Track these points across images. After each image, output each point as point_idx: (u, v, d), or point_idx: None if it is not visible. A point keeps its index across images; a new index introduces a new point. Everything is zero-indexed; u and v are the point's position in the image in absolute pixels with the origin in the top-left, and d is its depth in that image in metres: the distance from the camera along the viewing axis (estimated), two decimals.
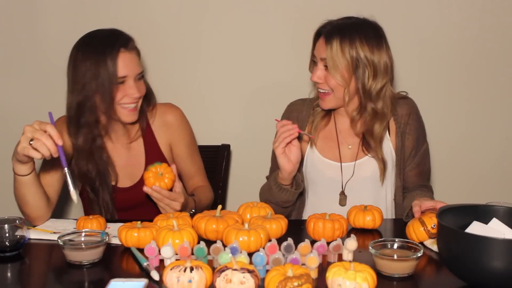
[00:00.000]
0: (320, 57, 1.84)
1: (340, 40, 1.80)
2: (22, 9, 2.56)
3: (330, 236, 1.56)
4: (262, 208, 1.70)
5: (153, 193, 1.70)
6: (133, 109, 1.84)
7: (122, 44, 1.80)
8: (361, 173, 1.94)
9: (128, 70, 1.80)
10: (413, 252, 1.40)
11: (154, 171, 1.72)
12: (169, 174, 1.72)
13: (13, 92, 2.63)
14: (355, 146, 1.96)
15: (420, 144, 1.97)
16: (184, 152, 2.02)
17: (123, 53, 1.80)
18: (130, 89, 1.80)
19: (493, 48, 2.60)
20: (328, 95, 1.87)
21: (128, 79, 1.80)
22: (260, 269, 1.33)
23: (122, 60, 1.79)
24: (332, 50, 1.80)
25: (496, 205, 1.47)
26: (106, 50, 1.77)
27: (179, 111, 2.04)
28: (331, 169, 1.95)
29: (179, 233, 1.47)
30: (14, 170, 1.68)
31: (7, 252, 1.53)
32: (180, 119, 2.02)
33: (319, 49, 1.85)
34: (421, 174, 1.98)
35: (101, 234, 1.51)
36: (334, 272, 1.24)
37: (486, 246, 1.23)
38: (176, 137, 2.01)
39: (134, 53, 1.84)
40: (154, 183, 1.70)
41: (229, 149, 2.39)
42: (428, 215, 1.59)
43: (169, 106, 2.03)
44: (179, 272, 1.24)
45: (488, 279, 1.25)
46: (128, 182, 1.96)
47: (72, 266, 1.45)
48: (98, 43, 1.80)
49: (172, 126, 2.00)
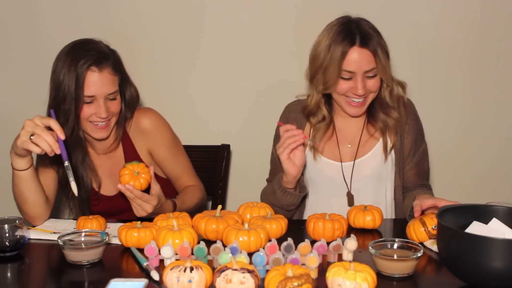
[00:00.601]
0: (364, 70, 1.80)
1: (378, 44, 1.80)
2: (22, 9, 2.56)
3: (330, 236, 1.56)
4: (262, 208, 1.70)
5: (126, 191, 1.68)
6: (104, 126, 1.83)
7: (94, 62, 1.77)
8: (361, 172, 1.94)
9: (95, 91, 1.77)
10: (413, 252, 1.39)
11: (131, 169, 1.71)
12: (145, 175, 1.70)
13: (13, 92, 2.63)
14: (354, 145, 1.96)
15: (418, 143, 1.97)
16: (166, 155, 1.99)
17: (93, 72, 1.76)
18: (98, 108, 1.79)
19: (493, 48, 2.60)
20: (365, 102, 1.86)
21: (97, 98, 1.78)
22: (260, 269, 1.33)
23: (90, 79, 1.76)
24: (380, 58, 1.80)
25: (496, 205, 1.47)
26: (76, 67, 1.75)
27: (155, 114, 1.99)
28: (331, 168, 1.95)
29: (179, 233, 1.47)
30: (13, 165, 1.69)
31: (7, 252, 1.53)
32: (156, 123, 1.98)
33: (359, 63, 1.79)
34: (420, 173, 1.98)
35: (101, 234, 1.51)
36: (334, 272, 1.24)
37: (486, 246, 1.23)
38: (155, 142, 1.97)
39: (107, 73, 1.79)
40: (128, 181, 1.68)
41: (229, 149, 2.39)
42: (429, 215, 1.59)
43: (144, 111, 1.98)
44: (179, 272, 1.24)
45: (488, 279, 1.25)
46: (113, 190, 1.96)
47: (72, 266, 1.44)
48: (74, 56, 1.77)
49: (148, 132, 1.96)
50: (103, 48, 1.84)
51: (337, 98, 1.88)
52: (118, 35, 1.97)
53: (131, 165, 1.72)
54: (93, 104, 1.79)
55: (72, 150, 1.85)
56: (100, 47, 1.83)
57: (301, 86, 2.30)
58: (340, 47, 1.78)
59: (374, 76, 1.82)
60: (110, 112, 1.82)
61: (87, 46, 1.81)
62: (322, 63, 1.82)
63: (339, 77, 1.81)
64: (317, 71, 1.85)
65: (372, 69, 1.81)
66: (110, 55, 1.83)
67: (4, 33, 2.58)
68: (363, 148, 1.96)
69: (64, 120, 1.79)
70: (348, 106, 1.87)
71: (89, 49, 1.79)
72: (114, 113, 1.85)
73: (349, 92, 1.83)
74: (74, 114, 1.78)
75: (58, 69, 1.79)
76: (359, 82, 1.80)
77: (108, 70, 1.79)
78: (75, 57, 1.77)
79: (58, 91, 1.79)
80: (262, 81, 2.62)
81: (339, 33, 1.81)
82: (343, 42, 1.79)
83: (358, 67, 1.79)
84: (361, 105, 1.86)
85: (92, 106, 1.79)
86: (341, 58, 1.78)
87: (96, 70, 1.77)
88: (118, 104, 1.85)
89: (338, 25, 1.83)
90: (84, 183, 1.91)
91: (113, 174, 1.95)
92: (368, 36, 1.80)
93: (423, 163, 1.99)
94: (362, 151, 1.96)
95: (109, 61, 1.81)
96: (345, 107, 1.88)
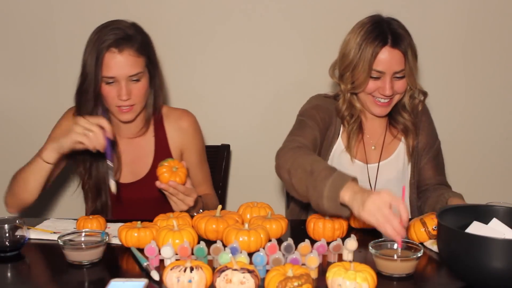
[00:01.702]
0: (394, 70, 1.78)
1: (409, 45, 1.79)
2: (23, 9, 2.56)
3: (330, 236, 1.56)
4: (262, 208, 1.70)
5: (169, 188, 1.70)
6: (128, 109, 1.83)
7: (115, 43, 1.77)
8: (385, 175, 1.92)
9: (115, 72, 1.78)
10: (413, 252, 1.39)
11: (168, 165, 1.72)
12: (182, 169, 1.73)
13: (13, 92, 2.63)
14: (378, 147, 1.95)
15: (434, 138, 1.98)
16: (194, 159, 2.02)
17: (113, 53, 1.77)
18: (120, 90, 1.79)
19: (493, 48, 2.60)
20: (390, 102, 1.85)
21: (118, 80, 1.79)
22: (260, 269, 1.33)
23: (109, 61, 1.77)
24: (409, 60, 1.79)
25: (496, 205, 1.47)
26: (98, 47, 1.77)
27: (194, 118, 2.04)
28: (357, 169, 1.91)
29: (179, 233, 1.47)
30: (44, 156, 1.73)
31: (7, 252, 1.53)
32: (195, 126, 2.03)
33: (389, 63, 1.78)
34: (437, 167, 1.97)
35: (101, 234, 1.51)
36: (334, 272, 1.24)
37: (486, 246, 1.23)
38: (189, 143, 2.01)
39: (128, 54, 1.78)
40: (169, 178, 1.70)
41: (229, 149, 2.39)
42: (430, 216, 1.59)
43: (185, 112, 2.03)
44: (179, 272, 1.24)
45: (488, 279, 1.25)
46: (130, 177, 1.96)
47: (72, 266, 1.45)
48: (98, 36, 1.79)
49: (186, 132, 2.00)
50: (129, 29, 1.82)
51: (363, 98, 1.86)
52: None
53: (167, 162, 1.73)
54: (114, 86, 1.80)
55: None
56: (125, 28, 1.82)
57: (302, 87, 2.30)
58: (372, 46, 1.76)
59: (402, 77, 1.81)
60: (133, 94, 1.81)
61: (112, 26, 1.81)
62: (352, 62, 1.80)
63: (368, 77, 1.79)
64: (346, 69, 1.83)
65: (401, 70, 1.79)
66: (135, 36, 1.82)
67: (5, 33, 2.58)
68: (386, 150, 1.95)
69: (85, 99, 1.82)
70: (374, 106, 1.85)
71: (112, 29, 1.80)
72: (138, 96, 1.83)
73: (376, 92, 1.82)
74: (93, 93, 1.80)
75: (85, 48, 1.82)
76: (387, 83, 1.79)
77: (129, 52, 1.78)
78: (99, 37, 1.79)
79: (83, 69, 1.82)
80: (262, 81, 2.61)
81: (371, 32, 1.78)
82: (374, 42, 1.77)
83: (388, 67, 1.78)
84: (386, 105, 1.85)
85: (114, 88, 1.80)
86: (372, 58, 1.76)
87: (116, 51, 1.77)
88: (142, 87, 1.83)
89: (369, 24, 1.81)
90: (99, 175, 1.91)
91: (133, 162, 1.96)
92: (400, 37, 1.78)
93: (439, 158, 1.99)
94: (386, 152, 1.94)
95: (131, 42, 1.79)
96: (371, 107, 1.87)
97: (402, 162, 1.94)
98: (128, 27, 1.83)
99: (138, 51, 1.81)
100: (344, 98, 1.89)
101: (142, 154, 1.96)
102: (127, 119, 1.87)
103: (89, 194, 1.93)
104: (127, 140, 1.97)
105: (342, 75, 1.86)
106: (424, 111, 1.98)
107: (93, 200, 1.93)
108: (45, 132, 1.97)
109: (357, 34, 1.80)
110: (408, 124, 1.92)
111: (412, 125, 1.92)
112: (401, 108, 1.92)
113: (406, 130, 1.93)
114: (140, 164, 1.95)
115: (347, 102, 1.89)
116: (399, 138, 1.95)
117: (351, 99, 1.89)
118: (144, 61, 1.83)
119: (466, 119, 2.67)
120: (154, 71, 1.89)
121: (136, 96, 1.83)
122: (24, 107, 2.63)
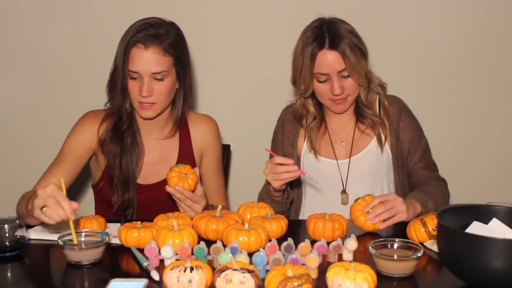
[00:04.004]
0: (337, 70, 1.83)
1: (348, 44, 1.82)
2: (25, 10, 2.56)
3: (330, 236, 1.56)
4: (262, 208, 1.70)
5: (176, 193, 1.69)
6: (149, 106, 1.83)
7: (142, 39, 1.79)
8: (357, 169, 1.95)
9: (138, 67, 1.79)
10: (413, 252, 1.40)
11: (178, 171, 1.71)
12: (192, 176, 1.71)
13: (14, 92, 2.63)
14: (348, 143, 1.98)
15: (418, 138, 1.99)
16: (211, 166, 2.02)
17: (139, 49, 1.79)
18: (142, 86, 1.80)
19: (493, 48, 2.59)
20: (345, 99, 1.89)
21: (141, 75, 1.80)
22: (260, 269, 1.33)
23: (134, 55, 1.79)
24: (349, 59, 1.82)
25: (496, 205, 1.47)
26: (127, 41, 1.80)
27: (217, 125, 2.06)
28: (327, 166, 1.97)
29: (179, 233, 1.47)
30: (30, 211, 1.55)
31: (7, 252, 1.53)
32: (216, 131, 2.04)
33: (331, 65, 1.83)
34: (428, 166, 1.99)
35: (101, 234, 1.51)
36: (334, 272, 1.24)
37: (486, 246, 1.23)
38: (209, 147, 2.02)
39: (153, 51, 1.79)
40: (177, 183, 1.69)
41: (229, 149, 2.39)
42: (430, 216, 1.59)
43: (210, 117, 2.06)
44: (179, 272, 1.24)
45: (488, 279, 1.25)
46: (153, 178, 1.95)
47: (72, 266, 1.45)
48: (129, 31, 1.82)
49: (207, 136, 2.01)
50: (160, 28, 1.83)
51: (321, 100, 1.94)
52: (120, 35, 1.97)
53: (178, 167, 1.72)
54: (138, 81, 1.81)
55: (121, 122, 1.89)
56: (156, 27, 1.82)
57: None
58: (310, 50, 1.84)
59: (349, 76, 1.85)
60: (154, 92, 1.82)
61: (145, 22, 1.84)
62: (297, 67, 1.89)
63: (312, 80, 1.87)
64: (295, 75, 1.92)
65: (344, 69, 1.84)
66: (166, 36, 1.82)
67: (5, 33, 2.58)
68: (357, 145, 1.98)
69: (113, 92, 1.85)
70: (331, 104, 1.92)
71: (145, 25, 1.82)
72: (160, 94, 1.83)
73: (329, 93, 1.87)
74: (121, 85, 1.82)
75: (120, 41, 1.84)
76: (335, 82, 1.84)
77: (155, 49, 1.79)
78: (129, 32, 1.82)
79: (115, 60, 1.85)
80: (263, 81, 2.62)
81: (309, 37, 1.87)
82: (312, 45, 1.84)
83: (330, 68, 1.84)
84: (342, 102, 1.90)
85: (137, 83, 1.82)
86: (311, 62, 1.84)
87: (141, 47, 1.79)
88: (164, 86, 1.83)
89: (310, 29, 1.89)
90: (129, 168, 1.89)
91: (159, 162, 1.95)
92: (337, 38, 1.83)
93: (427, 155, 2.01)
94: (356, 148, 1.98)
95: (159, 40, 1.80)
96: (329, 106, 1.94)
97: (375, 156, 1.97)
98: (161, 25, 1.84)
99: (166, 50, 1.81)
100: (299, 102, 1.98)
101: (166, 156, 1.97)
102: (147, 116, 1.87)
103: (117, 187, 1.88)
104: (156, 141, 1.97)
105: (294, 81, 1.94)
106: (402, 110, 1.99)
107: (120, 194, 1.89)
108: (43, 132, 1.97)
109: (299, 40, 1.90)
110: (373, 118, 1.96)
111: (378, 118, 1.96)
112: (361, 104, 1.96)
113: (373, 123, 1.96)
114: (164, 165, 1.93)
115: (301, 106, 1.98)
116: (368, 134, 1.98)
117: (305, 103, 1.98)
118: (171, 61, 1.83)
119: (466, 119, 2.66)
120: (184, 73, 1.89)
121: (158, 95, 1.83)
122: (22, 106, 2.62)
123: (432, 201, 1.79)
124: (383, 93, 1.97)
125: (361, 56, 1.86)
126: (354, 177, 1.96)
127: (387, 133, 1.96)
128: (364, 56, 1.88)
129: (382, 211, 1.64)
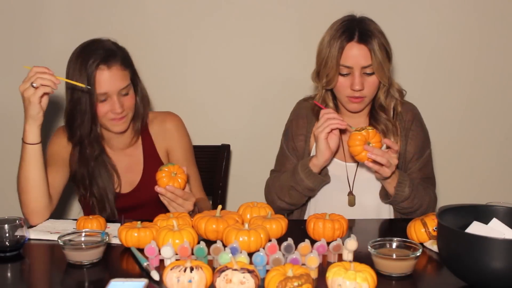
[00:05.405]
0: (361, 65, 1.82)
1: (377, 42, 1.82)
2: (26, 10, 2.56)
3: (330, 236, 1.56)
4: (262, 208, 1.70)
5: (166, 193, 1.69)
6: (121, 118, 1.86)
7: (103, 60, 1.80)
8: (364, 175, 1.93)
9: (107, 87, 1.81)
10: (412, 251, 1.40)
11: (167, 171, 1.72)
12: (181, 175, 1.72)
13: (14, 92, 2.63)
14: None
15: (423, 150, 1.96)
16: (180, 159, 2.01)
17: (102, 70, 1.80)
18: (113, 105, 1.82)
19: (493, 48, 2.60)
20: (362, 98, 1.88)
21: (110, 95, 1.82)
22: (260, 269, 1.33)
23: (100, 77, 1.80)
24: (377, 56, 1.81)
25: (496, 205, 1.47)
26: (86, 67, 1.79)
27: (179, 119, 2.06)
28: (336, 167, 1.95)
29: (179, 233, 1.47)
30: (25, 137, 1.72)
31: (7, 252, 1.53)
32: (179, 127, 2.04)
33: (356, 58, 1.82)
34: (425, 178, 1.95)
35: (101, 234, 1.51)
36: (334, 272, 1.24)
37: (486, 246, 1.23)
38: (173, 143, 2.02)
39: (116, 69, 1.82)
40: (167, 183, 1.70)
41: (229, 149, 2.39)
42: (430, 216, 1.59)
43: (169, 114, 2.06)
44: (179, 272, 1.24)
45: (488, 279, 1.25)
46: (128, 187, 1.99)
47: (72, 266, 1.45)
48: (83, 58, 1.81)
49: (170, 133, 2.02)
50: (110, 45, 1.87)
51: (338, 96, 1.92)
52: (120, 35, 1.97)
53: (167, 167, 1.73)
54: (107, 102, 1.83)
55: (89, 149, 1.90)
56: (106, 45, 1.86)
57: (302, 86, 2.30)
58: (338, 42, 1.83)
59: (372, 73, 1.85)
60: (125, 107, 1.85)
61: (94, 46, 1.85)
62: (323, 58, 1.87)
63: (337, 72, 1.85)
64: (320, 67, 1.90)
65: (369, 66, 1.83)
66: (118, 52, 1.86)
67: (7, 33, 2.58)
68: None
69: (81, 121, 1.85)
70: (348, 103, 1.90)
71: (96, 49, 1.83)
72: (129, 107, 1.88)
73: (348, 88, 1.86)
74: (90, 114, 1.83)
75: (71, 73, 1.83)
76: (356, 77, 1.83)
77: (116, 66, 1.83)
78: (84, 58, 1.81)
79: (73, 93, 1.84)
80: (263, 81, 2.62)
81: (339, 29, 1.86)
82: (341, 37, 1.83)
83: (355, 62, 1.82)
84: (359, 101, 1.88)
85: (106, 104, 1.83)
86: (338, 53, 1.83)
87: (105, 68, 1.80)
88: (131, 98, 1.88)
89: (339, 22, 1.88)
90: (105, 182, 1.93)
91: (127, 172, 1.98)
92: (367, 33, 1.83)
93: (426, 168, 1.97)
94: None
95: (116, 57, 1.84)
96: (345, 104, 1.91)
97: None
98: (109, 44, 1.88)
99: (123, 64, 1.86)
100: (320, 95, 1.96)
101: (133, 164, 1.99)
102: (121, 130, 1.89)
103: (94, 209, 1.94)
104: (120, 151, 2.00)
105: (318, 73, 1.92)
106: (414, 119, 1.97)
107: (98, 212, 1.94)
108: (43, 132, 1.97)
109: (328, 33, 1.89)
110: (387, 124, 1.94)
111: (393, 126, 1.94)
112: (378, 107, 1.95)
113: (386, 130, 1.94)
114: (133, 173, 1.98)
115: (321, 99, 1.96)
116: None
117: (325, 96, 1.96)
118: (129, 74, 1.88)
119: (466, 119, 2.67)
120: (136, 81, 1.93)
121: (128, 108, 1.87)
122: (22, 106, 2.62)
123: (410, 189, 1.80)
124: (400, 99, 1.95)
125: (387, 57, 1.85)
126: (361, 182, 1.94)
127: (398, 140, 1.94)
128: (389, 58, 1.87)
129: (380, 154, 1.68)
